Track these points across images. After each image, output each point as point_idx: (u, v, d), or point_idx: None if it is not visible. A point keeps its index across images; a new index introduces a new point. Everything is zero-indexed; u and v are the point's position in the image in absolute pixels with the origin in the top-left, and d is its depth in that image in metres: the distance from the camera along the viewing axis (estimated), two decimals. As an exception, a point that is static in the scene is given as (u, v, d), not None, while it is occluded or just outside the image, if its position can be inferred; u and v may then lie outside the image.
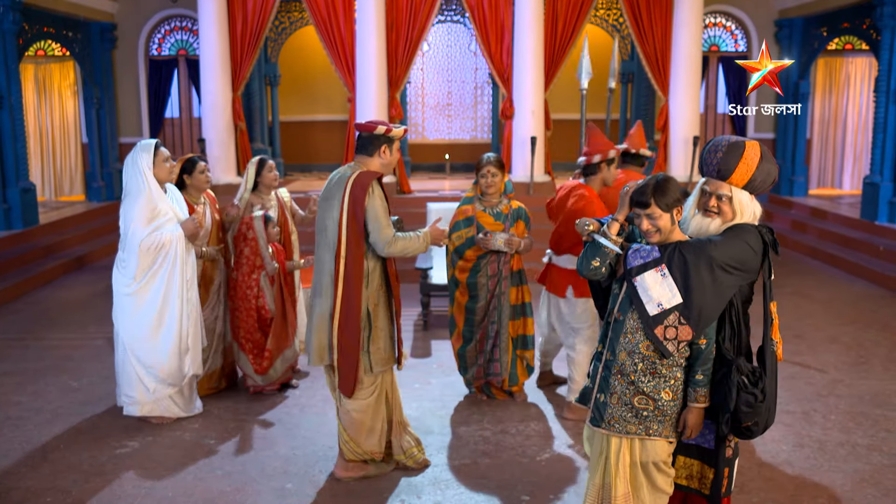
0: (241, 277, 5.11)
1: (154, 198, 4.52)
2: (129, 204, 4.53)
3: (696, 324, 2.78)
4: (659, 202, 2.78)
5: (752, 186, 2.86)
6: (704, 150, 2.95)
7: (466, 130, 14.27)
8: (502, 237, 4.82)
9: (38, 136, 12.16)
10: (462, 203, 5.05)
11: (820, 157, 12.71)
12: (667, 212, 2.80)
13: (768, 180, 2.88)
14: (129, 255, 4.54)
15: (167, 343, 4.61)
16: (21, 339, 6.58)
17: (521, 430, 4.67)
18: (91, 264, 9.60)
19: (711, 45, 12.44)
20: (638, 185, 2.86)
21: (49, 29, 10.48)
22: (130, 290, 4.58)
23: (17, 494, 3.93)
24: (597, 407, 2.96)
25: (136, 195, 4.51)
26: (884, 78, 9.48)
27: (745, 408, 2.81)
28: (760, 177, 2.85)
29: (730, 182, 2.85)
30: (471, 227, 4.92)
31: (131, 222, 4.50)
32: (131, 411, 4.72)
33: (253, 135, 12.10)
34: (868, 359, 5.96)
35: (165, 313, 4.60)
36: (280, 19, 12.22)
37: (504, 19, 10.05)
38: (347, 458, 4.04)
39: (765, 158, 2.85)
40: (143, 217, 4.49)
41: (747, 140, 2.86)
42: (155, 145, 4.58)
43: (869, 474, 4.10)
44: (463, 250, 4.93)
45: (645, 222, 2.83)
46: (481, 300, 4.96)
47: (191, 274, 4.70)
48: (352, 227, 3.77)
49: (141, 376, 4.62)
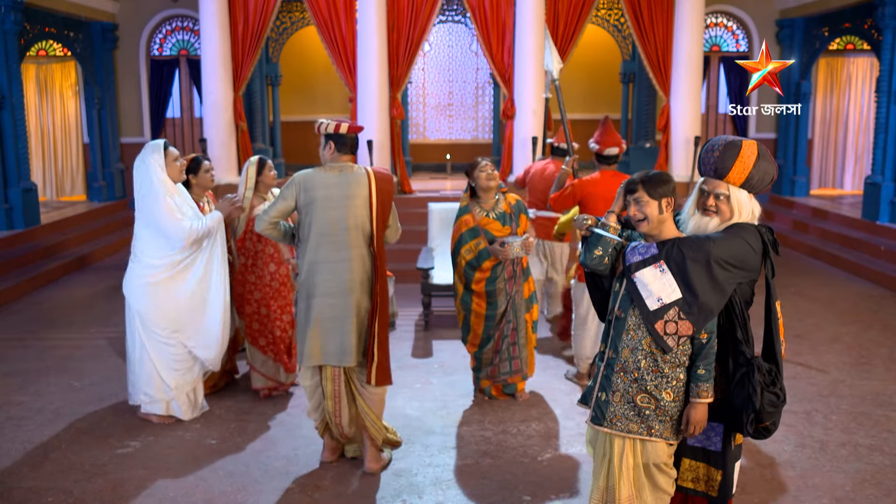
0: (273, 274, 5.05)
1: (172, 195, 4.54)
2: (150, 203, 4.49)
3: (696, 319, 2.79)
4: (647, 188, 2.84)
5: (750, 185, 2.88)
6: (702, 149, 2.98)
7: (467, 130, 14.27)
8: (517, 243, 4.80)
9: (39, 136, 12.17)
10: (460, 214, 4.98)
11: (821, 157, 12.70)
12: (654, 199, 2.83)
13: (766, 179, 2.89)
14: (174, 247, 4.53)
15: (216, 321, 4.67)
16: (22, 339, 6.59)
17: (522, 431, 4.68)
18: (92, 264, 9.61)
19: (713, 45, 12.44)
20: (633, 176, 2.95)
21: (50, 29, 10.49)
22: (158, 278, 4.55)
23: (18, 494, 3.93)
24: (598, 406, 2.96)
25: (157, 194, 4.48)
26: (885, 78, 9.47)
27: (769, 408, 2.83)
28: (758, 175, 2.86)
29: (727, 181, 2.87)
30: (479, 238, 4.88)
31: (163, 220, 4.47)
32: (150, 409, 4.73)
33: (254, 135, 12.09)
34: (869, 359, 5.96)
35: (208, 293, 4.64)
36: (281, 19, 12.22)
37: (505, 19, 10.05)
38: (378, 446, 4.16)
39: (762, 157, 2.86)
40: (174, 211, 4.49)
41: (745, 139, 2.88)
42: (164, 145, 4.58)
43: (870, 475, 4.10)
44: (477, 263, 4.89)
45: (633, 208, 2.88)
46: (501, 305, 4.96)
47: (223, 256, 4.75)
48: (381, 223, 3.99)
49: (160, 372, 4.62)
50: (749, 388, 2.83)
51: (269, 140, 12.70)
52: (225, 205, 4.69)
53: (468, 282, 4.97)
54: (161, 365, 4.62)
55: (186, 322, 4.63)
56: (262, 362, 5.14)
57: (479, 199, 4.98)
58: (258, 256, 5.06)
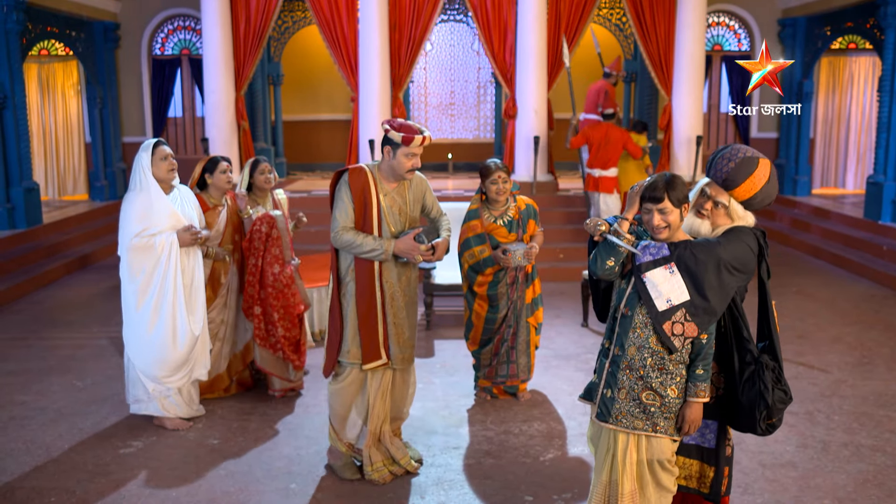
0: (276, 276, 5.04)
1: (151, 197, 4.48)
2: (126, 200, 4.54)
3: (702, 320, 2.82)
4: (671, 197, 2.82)
5: (750, 203, 2.93)
6: (718, 153, 2.98)
7: (469, 130, 14.26)
8: (520, 252, 4.79)
9: (41, 136, 12.17)
10: (469, 218, 4.97)
11: (823, 156, 12.69)
12: (677, 207, 2.83)
13: (766, 201, 2.95)
14: (121, 251, 4.54)
15: (153, 347, 4.58)
16: (25, 339, 6.60)
17: (524, 431, 4.68)
18: (94, 264, 9.62)
19: (715, 44, 12.43)
20: (648, 183, 2.89)
21: (52, 28, 10.49)
22: (132, 287, 4.56)
23: (21, 494, 3.94)
24: (604, 402, 2.97)
25: (135, 192, 4.50)
26: (887, 77, 9.47)
27: (779, 404, 2.89)
28: (760, 196, 2.92)
29: (732, 194, 2.91)
30: (484, 246, 4.86)
31: (122, 216, 4.51)
32: (136, 409, 4.73)
33: (256, 134, 12.10)
34: (871, 359, 5.95)
35: (156, 318, 4.56)
36: (283, 19, 12.22)
37: (507, 19, 10.04)
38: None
39: (771, 181, 2.91)
40: (136, 215, 4.46)
41: (762, 157, 2.91)
42: (154, 143, 4.55)
43: (872, 475, 4.10)
44: (480, 268, 4.90)
45: (656, 217, 2.85)
46: (501, 310, 4.96)
47: (193, 279, 4.67)
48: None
49: (140, 376, 4.63)
50: (760, 385, 2.87)
51: (270, 139, 12.70)
52: (185, 236, 4.56)
53: (471, 284, 4.98)
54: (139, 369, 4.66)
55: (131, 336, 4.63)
56: (273, 362, 5.14)
57: (489, 203, 4.98)
58: (263, 258, 5.05)
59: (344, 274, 3.98)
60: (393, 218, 3.94)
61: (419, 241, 3.91)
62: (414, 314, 4.13)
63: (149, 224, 4.47)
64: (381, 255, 3.85)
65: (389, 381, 4.11)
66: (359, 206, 3.89)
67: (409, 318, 4.08)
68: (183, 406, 4.76)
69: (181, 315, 4.59)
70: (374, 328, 3.95)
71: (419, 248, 3.88)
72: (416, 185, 4.07)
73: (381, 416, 4.11)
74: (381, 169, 3.95)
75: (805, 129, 12.01)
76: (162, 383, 4.64)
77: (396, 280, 3.98)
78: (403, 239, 3.89)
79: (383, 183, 3.94)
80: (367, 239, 3.84)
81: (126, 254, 4.52)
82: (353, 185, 3.88)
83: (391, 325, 3.99)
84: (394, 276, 3.97)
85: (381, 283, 3.95)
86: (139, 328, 4.58)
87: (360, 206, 3.89)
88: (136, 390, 4.68)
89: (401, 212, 3.98)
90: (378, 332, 3.96)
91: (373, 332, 3.96)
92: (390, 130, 3.82)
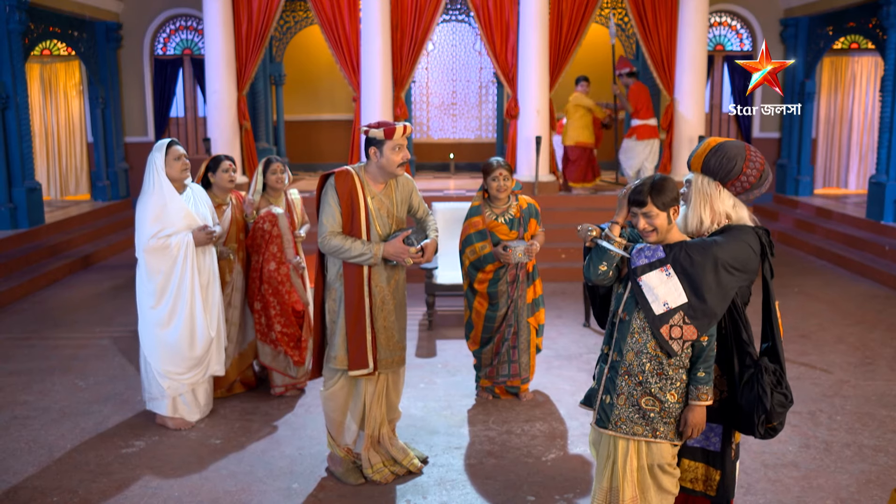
0: (272, 273, 5.09)
1: (165, 196, 4.50)
2: (140, 202, 4.54)
3: (701, 323, 2.78)
4: (655, 201, 2.79)
5: (709, 169, 2.90)
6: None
7: (471, 130, 14.25)
8: (521, 248, 4.79)
9: (43, 136, 12.18)
10: (471, 214, 4.98)
11: (825, 156, 12.68)
12: (663, 210, 2.80)
13: (727, 166, 2.88)
14: (139, 253, 4.56)
15: (169, 346, 4.60)
16: (27, 339, 6.60)
17: (526, 431, 4.68)
18: (97, 264, 9.63)
19: (717, 44, 12.42)
20: (634, 185, 2.87)
21: (54, 28, 10.50)
22: (149, 287, 4.58)
23: (23, 493, 3.94)
24: (603, 409, 2.95)
25: (149, 194, 4.51)
26: (890, 77, 9.45)
27: (778, 408, 2.85)
28: (714, 160, 2.89)
29: (690, 168, 2.98)
30: (485, 242, 4.87)
31: (138, 218, 4.53)
32: (151, 407, 4.74)
33: (258, 134, 12.10)
34: (874, 359, 5.95)
35: (173, 318, 4.59)
36: (285, 19, 12.22)
37: (509, 19, 10.04)
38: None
39: (726, 146, 2.89)
40: (151, 216, 4.49)
41: (725, 138, 2.97)
42: (168, 143, 4.58)
43: (875, 475, 4.10)
44: (480, 265, 4.91)
45: (642, 221, 2.83)
46: (501, 308, 4.96)
47: (209, 278, 4.71)
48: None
49: (156, 374, 4.64)
50: (758, 389, 2.82)
51: (272, 139, 12.71)
52: (200, 236, 4.60)
53: (472, 281, 4.99)
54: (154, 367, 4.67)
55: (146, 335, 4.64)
56: (273, 357, 5.17)
57: (491, 200, 4.99)
58: (263, 254, 5.10)
59: (333, 279, 3.96)
60: (381, 220, 3.92)
61: (408, 243, 3.87)
62: (403, 316, 4.12)
63: (164, 225, 4.50)
64: (371, 259, 3.82)
65: (384, 386, 4.11)
66: (346, 210, 3.85)
67: (398, 320, 4.06)
68: (193, 409, 4.77)
69: (199, 315, 4.63)
70: (361, 335, 3.90)
71: (409, 251, 3.86)
72: (402, 185, 4.05)
73: (377, 419, 4.11)
74: (368, 171, 3.92)
75: (807, 129, 12.00)
76: (177, 380, 4.65)
77: (386, 283, 3.96)
78: (392, 242, 3.86)
79: (370, 185, 3.91)
80: (356, 244, 3.81)
81: (143, 255, 4.54)
82: (339, 188, 3.84)
83: (380, 331, 3.96)
84: (383, 280, 3.94)
85: (370, 289, 3.91)
86: (155, 326, 4.60)
87: (348, 210, 3.85)
88: (153, 388, 4.69)
89: (388, 213, 3.96)
90: (366, 338, 3.91)
91: (360, 338, 3.90)
92: (370, 130, 3.82)
